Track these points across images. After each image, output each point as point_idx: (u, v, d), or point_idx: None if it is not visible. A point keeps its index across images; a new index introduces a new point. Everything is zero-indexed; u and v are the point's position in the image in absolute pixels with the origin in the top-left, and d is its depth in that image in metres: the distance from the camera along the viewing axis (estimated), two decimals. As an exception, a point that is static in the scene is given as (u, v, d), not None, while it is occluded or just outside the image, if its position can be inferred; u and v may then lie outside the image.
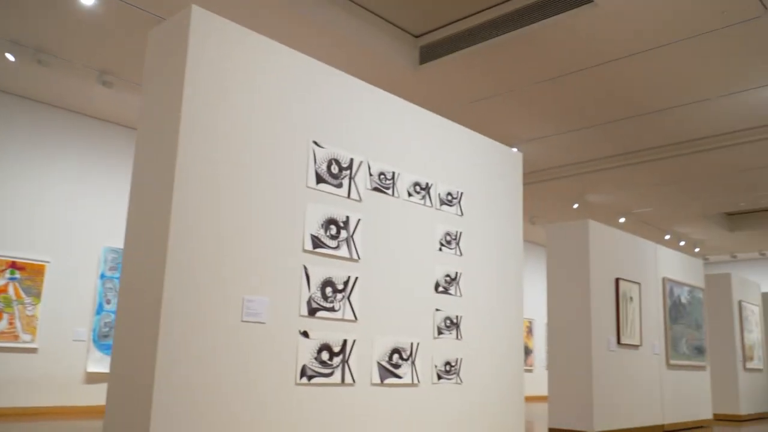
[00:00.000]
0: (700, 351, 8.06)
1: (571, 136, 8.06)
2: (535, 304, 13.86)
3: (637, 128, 7.60)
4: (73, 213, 7.82)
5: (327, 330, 3.48)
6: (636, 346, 6.47)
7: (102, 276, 7.94)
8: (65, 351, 7.55)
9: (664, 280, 7.28)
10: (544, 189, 10.35)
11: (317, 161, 3.59)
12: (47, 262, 7.52)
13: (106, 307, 7.95)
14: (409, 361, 3.92)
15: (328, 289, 3.53)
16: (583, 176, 9.67)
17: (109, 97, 7.47)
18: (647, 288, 6.75)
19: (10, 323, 7.21)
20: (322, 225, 3.55)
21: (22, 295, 7.34)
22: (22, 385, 7.15)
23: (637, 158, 8.38)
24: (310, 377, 3.35)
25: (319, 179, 3.59)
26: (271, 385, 3.18)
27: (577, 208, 11.04)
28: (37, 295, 7.44)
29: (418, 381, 3.95)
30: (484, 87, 6.68)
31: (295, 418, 3.26)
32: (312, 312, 3.42)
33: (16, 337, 7.22)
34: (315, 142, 3.60)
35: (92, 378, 7.75)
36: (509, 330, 4.71)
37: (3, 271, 7.22)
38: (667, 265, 7.45)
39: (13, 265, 7.29)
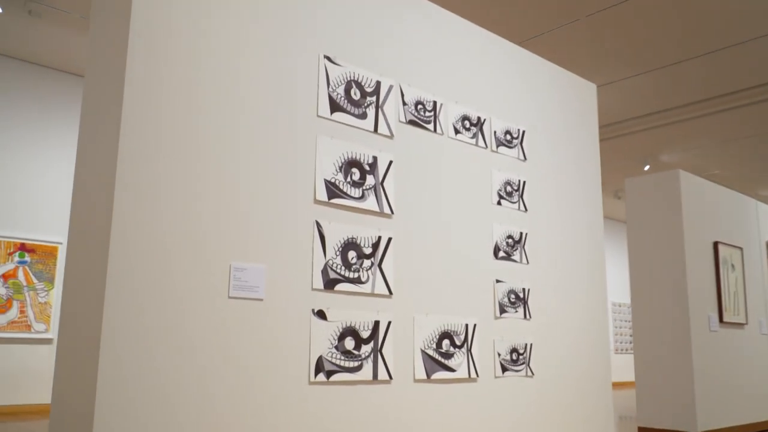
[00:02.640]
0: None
1: (643, 80, 6.89)
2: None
3: (728, 62, 6.39)
4: (87, 190, 7.11)
5: (351, 308, 2.57)
6: (741, 325, 5.36)
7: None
8: (83, 341, 6.89)
9: (766, 244, 6.11)
10: (609, 149, 9.18)
11: (331, 83, 2.66)
12: (59, 243, 6.84)
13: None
14: (464, 349, 2.98)
15: (351, 254, 2.61)
16: (655, 131, 8.47)
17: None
18: (750, 253, 5.61)
19: (21, 311, 6.56)
20: (341, 167, 2.63)
21: (33, 280, 6.69)
22: (36, 380, 6.51)
23: (723, 104, 7.15)
24: (329, 373, 2.45)
25: (335, 107, 2.66)
26: (273, 386, 2.29)
27: (648, 171, 9.83)
28: (50, 281, 6.78)
29: (477, 375, 3.00)
30: (543, 16, 5.61)
31: (308, 430, 2.37)
32: (330, 284, 2.51)
33: (28, 327, 6.58)
34: (328, 58, 2.67)
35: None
36: (591, 306, 3.71)
37: (11, 254, 6.57)
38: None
39: (23, 248, 6.64)
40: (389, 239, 2.75)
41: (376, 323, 2.64)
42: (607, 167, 10.08)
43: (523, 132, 3.51)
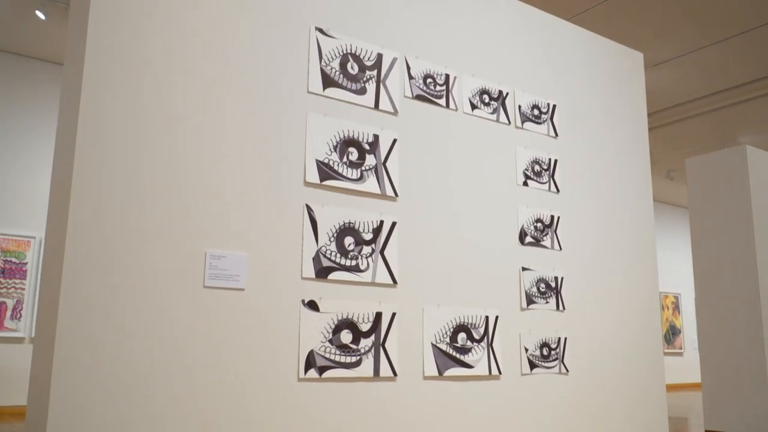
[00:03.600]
0: None
1: (707, 54, 6.32)
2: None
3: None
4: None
5: (348, 299, 2.36)
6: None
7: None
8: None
9: None
10: (674, 134, 8.54)
11: (323, 56, 2.47)
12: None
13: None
14: (484, 343, 2.71)
15: (348, 240, 2.40)
16: (729, 110, 7.80)
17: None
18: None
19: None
20: (336, 147, 2.43)
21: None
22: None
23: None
24: (322, 369, 2.25)
25: (328, 82, 2.46)
26: (258, 382, 2.12)
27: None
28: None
29: (499, 371, 2.73)
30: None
31: (298, 430, 2.18)
32: (322, 273, 2.31)
33: None
34: (320, 30, 2.48)
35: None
36: (638, 297, 3.35)
37: None
38: None
39: None
40: (393, 224, 2.52)
41: (378, 315, 2.42)
42: (670, 157, 9.40)
43: (554, 106, 3.20)
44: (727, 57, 6.40)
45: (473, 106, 2.89)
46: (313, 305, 2.28)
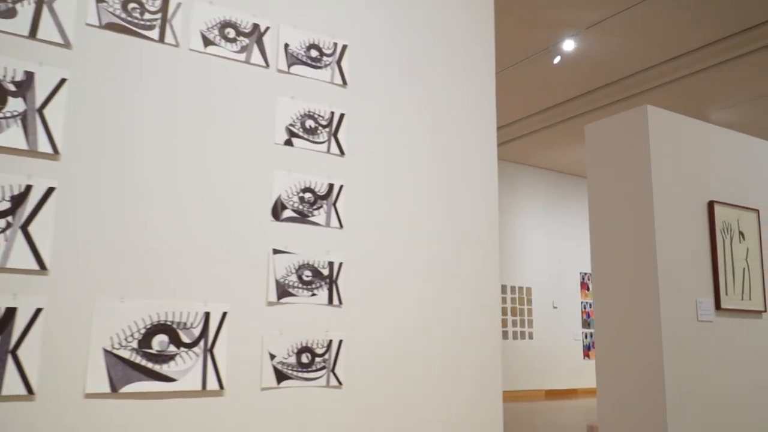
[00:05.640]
0: None
1: (648, 12, 5.56)
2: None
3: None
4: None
5: (-46, 290, 1.73)
6: (755, 313, 3.99)
7: None
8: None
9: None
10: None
11: (-56, -35, 1.84)
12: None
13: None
14: (198, 348, 2.06)
15: (-36, 211, 1.77)
16: (690, 81, 7.02)
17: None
18: (779, 220, 4.20)
19: None
20: (-48, 86, 1.80)
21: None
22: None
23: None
24: None
25: (-50, -1, 1.83)
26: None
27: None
28: None
29: (221, 386, 2.08)
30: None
31: None
32: None
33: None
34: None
35: None
36: (467, 291, 2.67)
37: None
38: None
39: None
40: (49, 190, 1.89)
41: (9, 312, 1.79)
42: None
43: (344, 47, 2.53)
44: (679, 16, 5.64)
45: (208, 42, 2.24)
46: None
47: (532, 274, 11.52)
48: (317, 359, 2.27)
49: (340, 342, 2.32)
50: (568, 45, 6.01)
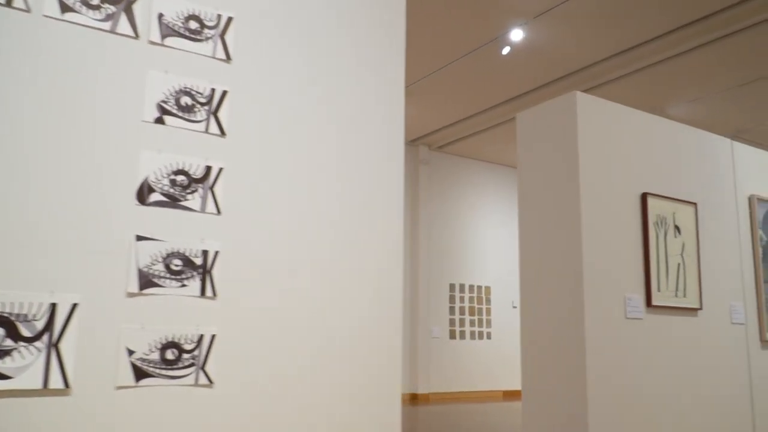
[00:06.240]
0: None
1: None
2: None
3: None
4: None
5: None
6: (690, 311, 3.87)
7: None
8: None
9: (752, 200, 4.51)
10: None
11: None
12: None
13: None
14: (41, 342, 1.87)
15: None
16: (650, 71, 6.93)
17: None
18: (712, 212, 4.06)
19: None
20: None
21: None
22: None
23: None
24: None
25: None
26: None
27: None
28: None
29: (66, 384, 1.89)
30: None
31: None
32: None
33: None
34: None
35: None
36: (366, 290, 2.50)
37: None
38: (758, 175, 4.66)
39: None
40: None
41: None
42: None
43: (229, 19, 2.35)
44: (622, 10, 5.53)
45: (66, 8, 2.04)
46: None
47: (491, 273, 11.40)
48: (185, 356, 2.09)
49: (213, 337, 2.14)
50: (516, 35, 5.87)
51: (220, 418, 2.12)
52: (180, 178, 2.16)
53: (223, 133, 2.27)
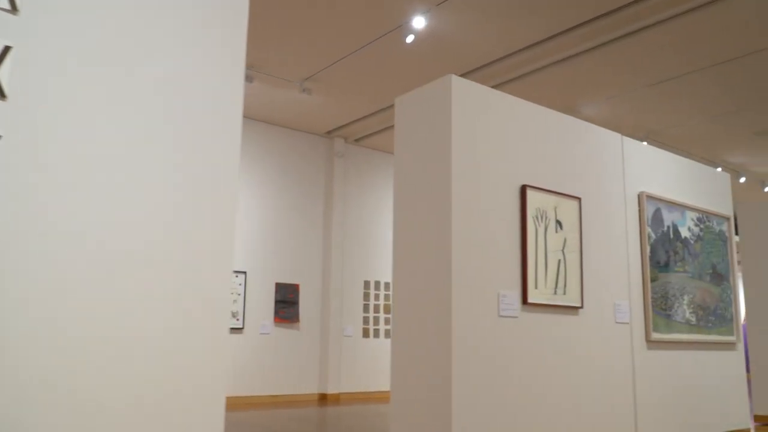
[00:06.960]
0: (721, 318, 5.23)
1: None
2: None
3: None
4: None
5: None
6: (571, 309, 3.75)
7: None
8: None
9: (641, 197, 4.45)
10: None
11: None
12: None
13: None
14: None
15: None
16: (561, 67, 6.88)
17: None
18: (598, 208, 3.96)
19: None
20: None
21: None
22: None
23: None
24: None
25: None
26: None
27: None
28: None
29: None
30: None
31: None
32: None
33: None
34: None
35: None
36: (188, 283, 2.21)
37: None
38: (648, 172, 4.62)
39: None
40: None
41: None
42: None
43: (17, -37, 2.00)
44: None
45: None
46: None
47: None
48: None
49: None
50: (419, 22, 5.66)
51: (-21, 433, 1.78)
52: (-61, 146, 1.81)
53: (3, 95, 1.92)
